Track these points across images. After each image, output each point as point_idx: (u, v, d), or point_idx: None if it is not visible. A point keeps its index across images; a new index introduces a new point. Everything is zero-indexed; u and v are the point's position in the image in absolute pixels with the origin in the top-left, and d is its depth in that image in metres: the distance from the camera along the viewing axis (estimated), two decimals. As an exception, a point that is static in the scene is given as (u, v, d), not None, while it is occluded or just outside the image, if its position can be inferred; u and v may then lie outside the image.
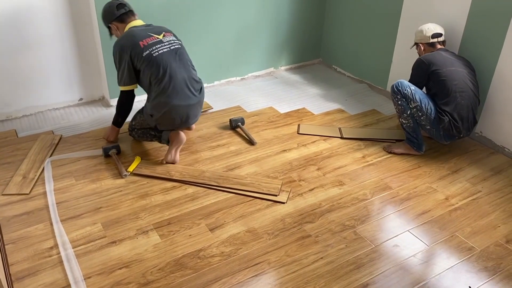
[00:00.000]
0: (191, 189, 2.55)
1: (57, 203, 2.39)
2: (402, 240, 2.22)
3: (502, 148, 2.97)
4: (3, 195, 2.45)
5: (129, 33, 2.67)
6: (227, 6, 3.64)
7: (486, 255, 2.14)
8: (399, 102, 2.81)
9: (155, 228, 2.25)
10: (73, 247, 2.10)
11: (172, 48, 2.69)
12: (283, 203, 2.45)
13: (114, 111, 2.91)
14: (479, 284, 1.99)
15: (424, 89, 2.90)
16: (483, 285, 1.98)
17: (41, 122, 3.24)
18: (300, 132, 3.18)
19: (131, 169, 2.67)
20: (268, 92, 3.81)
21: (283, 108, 3.55)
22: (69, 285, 1.90)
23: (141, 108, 2.87)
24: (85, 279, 1.94)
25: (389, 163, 2.85)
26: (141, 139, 2.93)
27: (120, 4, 2.72)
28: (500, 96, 2.90)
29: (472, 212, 2.43)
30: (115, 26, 2.76)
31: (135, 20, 2.76)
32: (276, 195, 2.50)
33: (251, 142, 3.02)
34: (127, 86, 2.74)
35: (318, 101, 3.68)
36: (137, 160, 2.75)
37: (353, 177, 2.71)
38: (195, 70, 2.81)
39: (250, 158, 2.87)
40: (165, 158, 2.74)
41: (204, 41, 3.64)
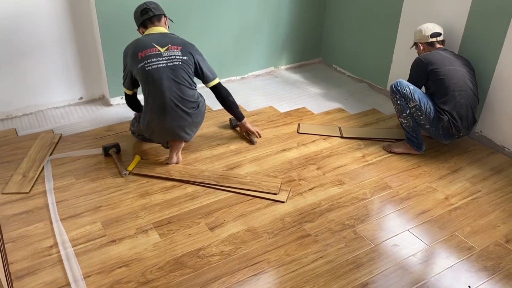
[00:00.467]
0: (191, 188, 2.55)
1: (57, 202, 2.40)
2: (402, 239, 2.22)
3: (502, 147, 2.97)
4: (3, 193, 2.45)
5: (137, 41, 2.63)
6: (227, 5, 3.63)
7: (486, 254, 2.14)
8: (398, 102, 2.80)
9: (154, 227, 2.25)
10: (72, 246, 2.10)
11: (169, 64, 2.55)
12: (283, 202, 2.45)
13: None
14: (478, 284, 1.99)
15: (423, 88, 2.90)
16: (482, 285, 1.98)
17: (41, 121, 3.24)
18: (300, 132, 3.18)
19: (130, 168, 2.68)
20: (268, 91, 3.81)
21: (283, 107, 3.55)
22: (68, 284, 1.90)
23: (137, 116, 2.85)
24: (84, 278, 1.94)
25: (389, 162, 2.85)
26: (143, 141, 2.95)
27: (145, 9, 2.65)
28: (500, 96, 2.90)
29: (471, 212, 2.43)
30: (141, 31, 2.73)
31: (155, 26, 2.66)
32: (275, 194, 2.50)
33: (251, 142, 3.02)
34: (127, 90, 2.77)
35: (318, 100, 3.68)
36: (137, 159, 2.75)
37: (353, 176, 2.71)
38: (194, 89, 2.65)
39: (250, 157, 2.87)
40: (168, 161, 2.74)
41: (205, 39, 3.64)
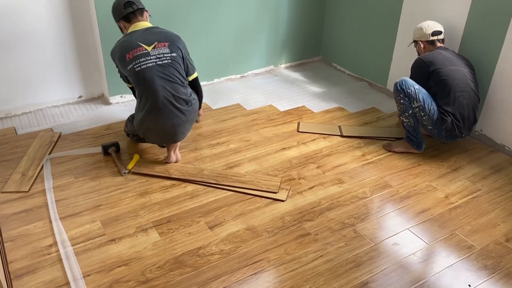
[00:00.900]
0: (190, 187, 2.55)
1: (56, 201, 2.39)
2: (402, 238, 2.22)
3: (502, 146, 2.97)
4: (2, 192, 2.45)
5: (122, 43, 2.58)
6: (228, 3, 3.62)
7: (486, 253, 2.14)
8: (401, 101, 2.77)
9: (154, 226, 2.25)
10: (72, 245, 2.10)
11: (158, 63, 2.51)
12: (283, 201, 2.45)
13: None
14: (478, 283, 1.98)
15: (423, 88, 2.90)
16: (482, 284, 1.98)
17: (40, 119, 3.23)
18: (300, 130, 3.18)
19: (130, 166, 2.67)
20: (268, 90, 3.80)
21: (283, 106, 3.54)
22: (68, 283, 1.90)
23: (130, 116, 2.83)
24: (84, 277, 1.93)
25: (388, 161, 2.85)
26: (138, 142, 2.92)
27: (128, 2, 2.61)
28: (500, 95, 2.89)
29: (472, 211, 2.43)
30: (122, 25, 2.68)
31: (139, 21, 2.63)
32: (275, 192, 2.49)
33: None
34: (128, 84, 2.75)
35: (318, 99, 3.68)
36: (136, 158, 2.75)
37: (352, 175, 2.70)
38: (186, 86, 2.62)
39: (249, 156, 2.86)
40: (167, 160, 2.73)
41: (204, 38, 3.64)
